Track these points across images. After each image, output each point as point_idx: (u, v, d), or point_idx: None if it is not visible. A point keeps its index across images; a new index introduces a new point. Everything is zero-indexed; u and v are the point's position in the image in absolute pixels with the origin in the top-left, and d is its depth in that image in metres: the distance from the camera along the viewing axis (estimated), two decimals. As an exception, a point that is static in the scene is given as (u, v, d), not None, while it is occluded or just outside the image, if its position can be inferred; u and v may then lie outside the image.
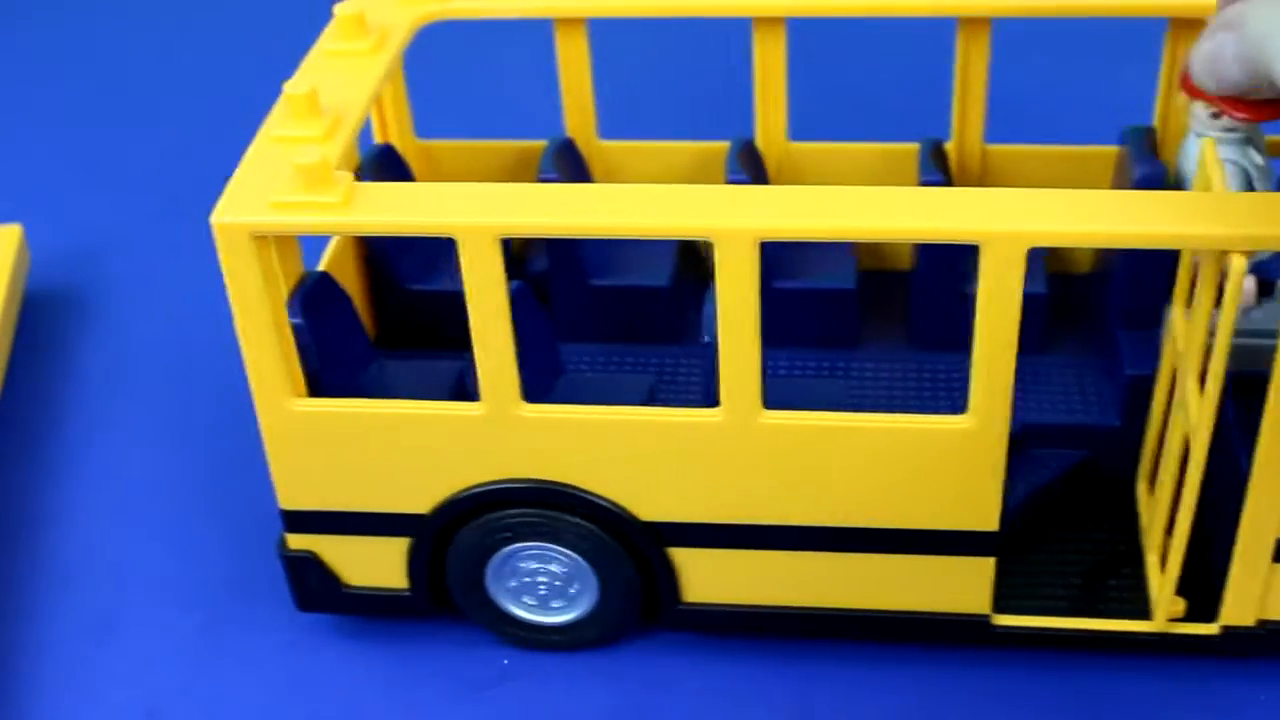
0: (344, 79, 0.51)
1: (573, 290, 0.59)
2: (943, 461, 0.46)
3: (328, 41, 0.53)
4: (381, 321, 0.60)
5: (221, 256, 0.45)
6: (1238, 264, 0.41)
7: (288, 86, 0.48)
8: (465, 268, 0.44)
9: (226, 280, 0.46)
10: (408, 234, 0.45)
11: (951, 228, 0.42)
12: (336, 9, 0.53)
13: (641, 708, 0.51)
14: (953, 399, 0.57)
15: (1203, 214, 0.41)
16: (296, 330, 0.48)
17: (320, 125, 0.48)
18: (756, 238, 0.42)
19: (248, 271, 0.45)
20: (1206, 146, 0.47)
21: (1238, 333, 0.49)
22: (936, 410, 0.46)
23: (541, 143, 0.60)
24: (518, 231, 0.44)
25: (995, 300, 0.43)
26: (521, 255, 0.63)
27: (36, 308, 0.73)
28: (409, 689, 0.53)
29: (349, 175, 0.45)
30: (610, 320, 0.60)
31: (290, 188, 0.45)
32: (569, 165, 0.59)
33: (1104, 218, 0.42)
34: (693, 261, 0.60)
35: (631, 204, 0.44)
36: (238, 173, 0.46)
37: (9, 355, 0.69)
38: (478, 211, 0.44)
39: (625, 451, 0.48)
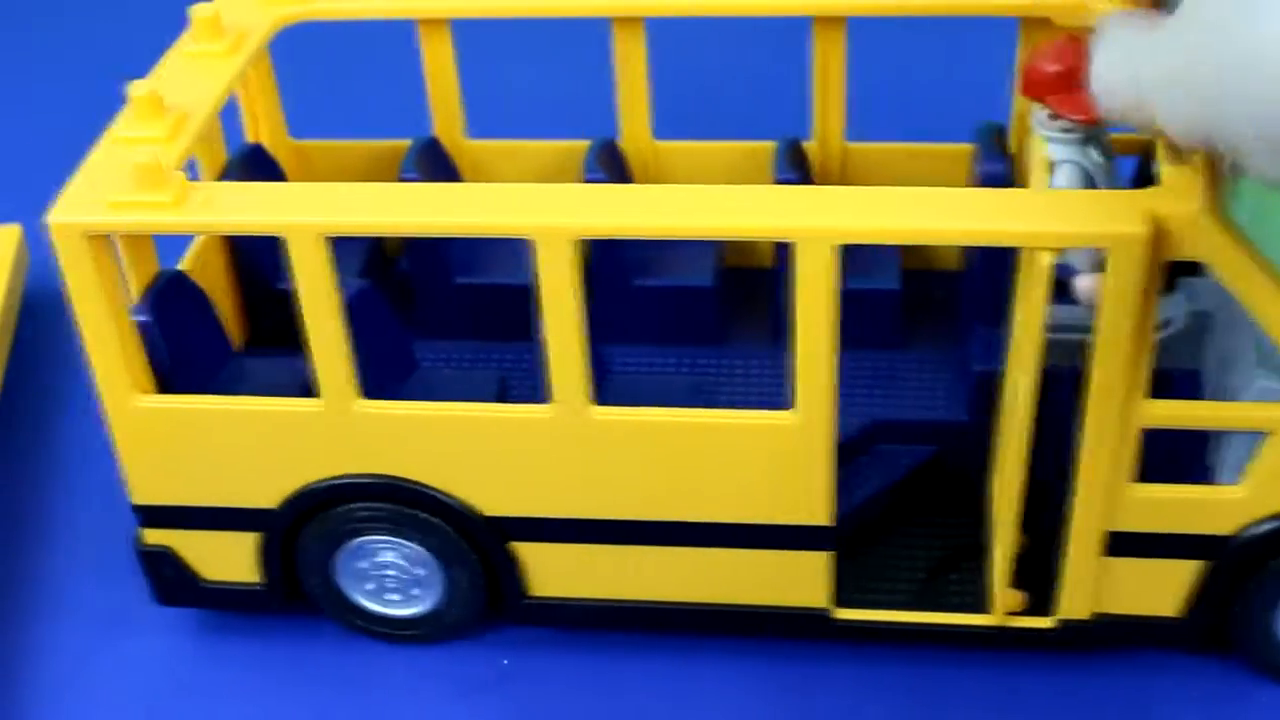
0: (196, 80, 0.52)
1: (437, 289, 0.60)
2: (771, 457, 0.47)
3: (184, 43, 0.53)
4: (253, 322, 0.61)
5: (59, 256, 0.46)
6: (1041, 260, 0.42)
7: (132, 88, 0.49)
8: (294, 266, 0.45)
9: (66, 279, 0.46)
10: (237, 233, 0.45)
11: (762, 225, 0.43)
12: (191, 11, 0.53)
13: (640, 709, 0.52)
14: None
15: (1001, 211, 0.42)
16: (144, 328, 0.49)
17: (163, 126, 0.48)
18: (574, 236, 0.43)
19: (85, 270, 0.46)
20: (1034, 146, 0.48)
21: (1076, 329, 0.49)
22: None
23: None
24: (343, 230, 0.45)
25: (810, 296, 0.43)
26: (394, 255, 0.63)
27: (36, 308, 0.73)
28: (408, 688, 0.53)
29: (183, 175, 0.46)
30: (474, 318, 0.60)
31: (125, 188, 0.45)
32: (432, 165, 0.60)
33: (907, 215, 0.42)
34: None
35: (455, 203, 0.45)
36: (78, 173, 0.47)
37: (9, 355, 0.70)
38: (304, 211, 0.44)
39: (464, 447, 0.49)
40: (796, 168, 0.58)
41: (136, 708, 0.53)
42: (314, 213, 0.44)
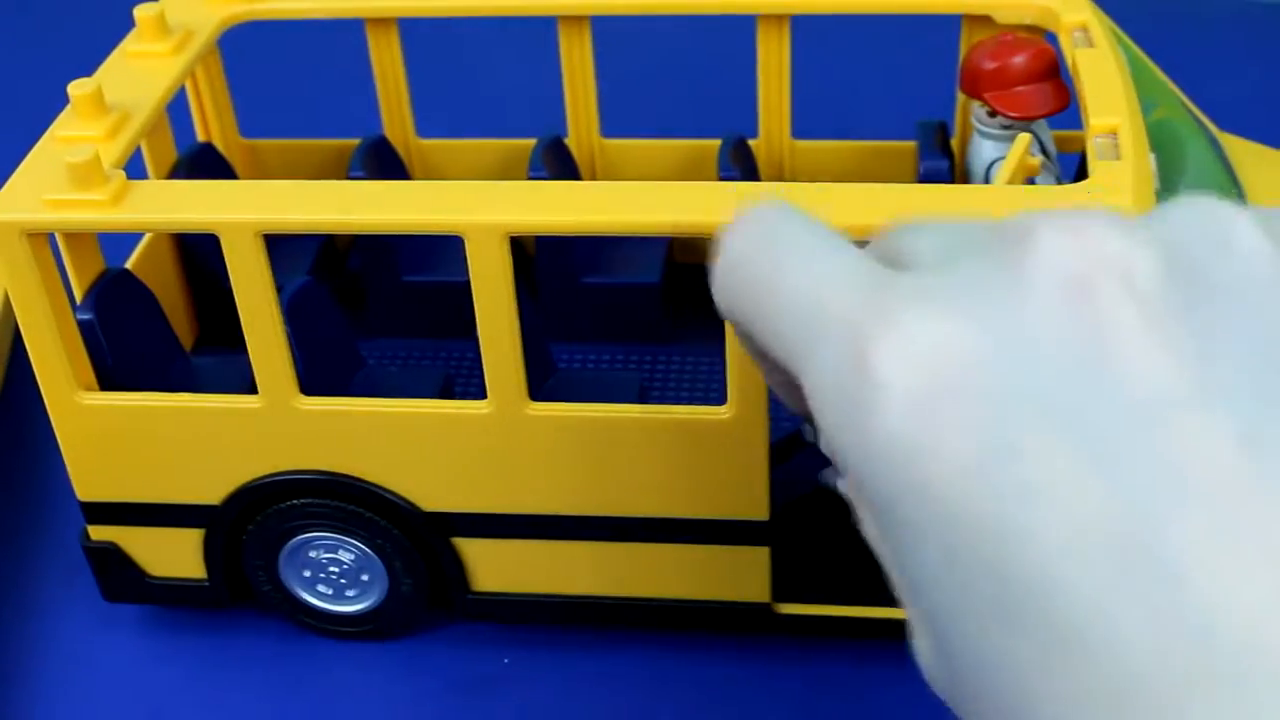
0: (139, 79, 0.52)
1: (386, 286, 0.60)
2: (708, 452, 0.47)
3: (129, 43, 0.54)
4: (204, 321, 0.61)
5: (-1, 254, 0.46)
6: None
7: (72, 87, 0.49)
8: (230, 264, 0.45)
9: (6, 277, 0.46)
10: (173, 230, 0.46)
11: (690, 221, 0.43)
12: (136, 11, 0.53)
13: (640, 708, 0.52)
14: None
15: (929, 207, 0.42)
16: (86, 327, 0.49)
17: (103, 125, 0.49)
18: (505, 232, 0.43)
19: (24, 268, 0.46)
20: (975, 143, 0.48)
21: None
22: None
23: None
24: (277, 227, 0.45)
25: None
26: (344, 253, 0.63)
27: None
28: (408, 688, 0.53)
29: (121, 173, 0.46)
30: (423, 315, 0.61)
31: (62, 186, 0.46)
32: (380, 163, 0.60)
33: (855, 210, 0.42)
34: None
35: (389, 200, 0.45)
36: (17, 172, 0.47)
37: (9, 355, 0.70)
38: (239, 208, 0.45)
39: (403, 443, 0.49)
40: (741, 165, 0.58)
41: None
42: (249, 210, 0.45)
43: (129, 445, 0.50)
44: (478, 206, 0.44)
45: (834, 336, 0.27)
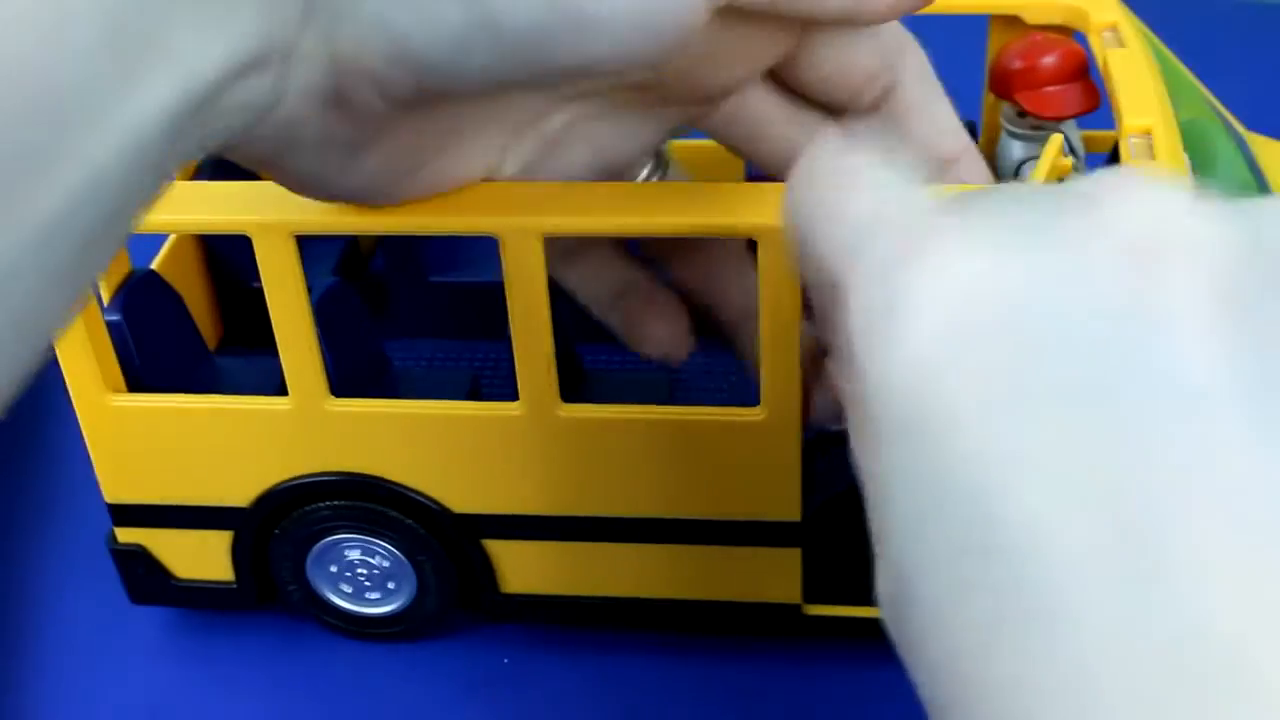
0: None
1: (413, 288, 0.60)
2: (739, 453, 0.47)
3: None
4: (230, 321, 0.61)
5: (28, 255, 0.46)
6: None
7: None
8: (261, 265, 0.45)
9: (35, 278, 0.46)
10: (203, 232, 0.45)
11: (722, 223, 0.43)
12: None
13: (640, 708, 0.52)
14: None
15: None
16: (114, 328, 0.49)
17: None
18: (541, 233, 0.43)
19: (54, 269, 0.46)
20: (1004, 144, 0.48)
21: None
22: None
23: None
24: (310, 228, 0.45)
25: (773, 291, 0.44)
26: (369, 253, 0.63)
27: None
28: (408, 688, 0.53)
29: (151, 174, 0.46)
30: (448, 316, 0.60)
31: (93, 187, 0.45)
32: None
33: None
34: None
35: (420, 202, 0.45)
36: (47, 172, 0.47)
37: None
38: (270, 209, 0.45)
39: (434, 445, 0.49)
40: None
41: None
42: (281, 211, 0.44)
43: (157, 447, 0.50)
44: (513, 208, 0.43)
45: (883, 241, 0.27)
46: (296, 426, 0.49)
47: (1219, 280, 0.24)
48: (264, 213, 0.44)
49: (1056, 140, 0.45)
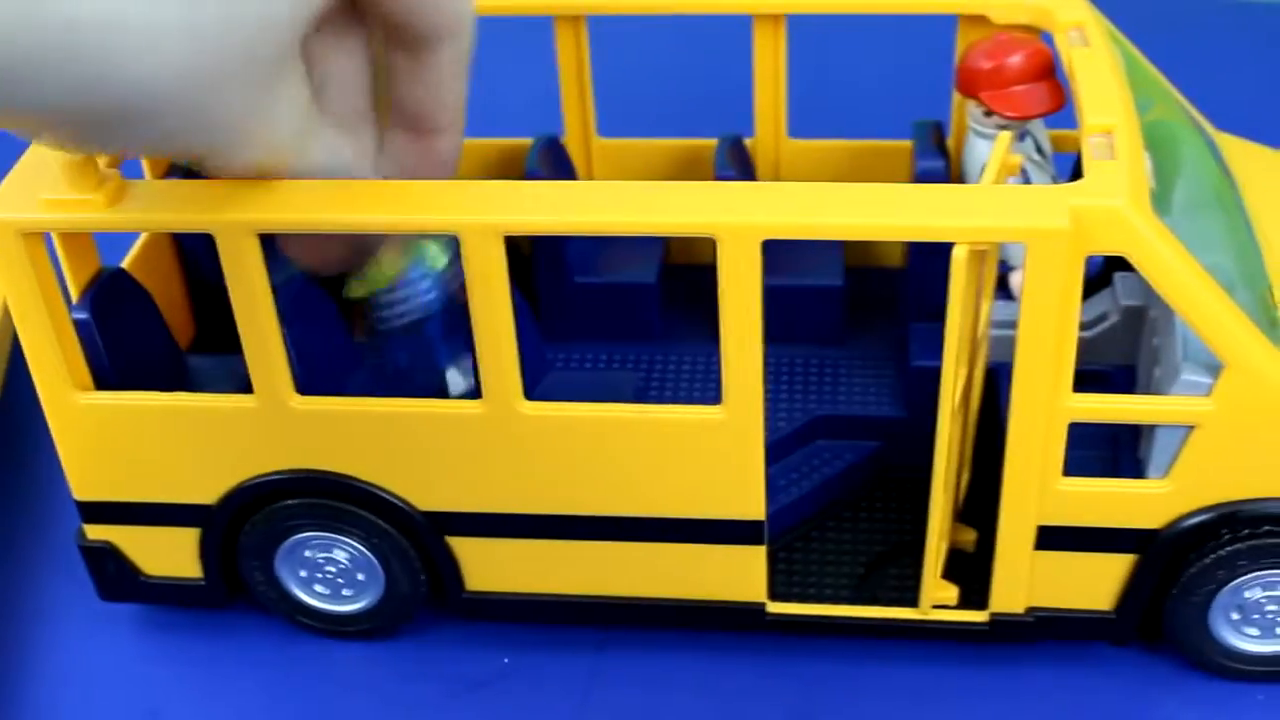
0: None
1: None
2: (701, 452, 0.47)
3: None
4: (202, 320, 0.61)
5: (-5, 254, 0.46)
6: (958, 254, 0.42)
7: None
8: (225, 264, 0.45)
9: (2, 277, 0.47)
10: (169, 230, 0.45)
11: (685, 222, 0.43)
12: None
13: (640, 707, 0.52)
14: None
15: (921, 206, 0.42)
16: (82, 326, 0.49)
17: (99, 124, 0.48)
18: (500, 232, 0.43)
19: (20, 268, 0.46)
20: (971, 143, 0.48)
21: (1015, 325, 0.49)
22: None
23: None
24: (273, 227, 0.45)
25: (735, 292, 0.44)
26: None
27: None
28: (408, 688, 0.53)
29: (117, 173, 0.46)
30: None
31: (58, 186, 0.45)
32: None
33: (828, 211, 0.43)
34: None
35: (383, 200, 0.45)
36: (13, 171, 0.47)
37: (9, 355, 0.70)
38: (234, 208, 0.45)
39: (398, 443, 0.49)
40: (737, 164, 0.58)
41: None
42: (244, 210, 0.45)
43: (125, 445, 0.50)
44: (473, 206, 0.44)
45: None
46: (262, 424, 0.49)
47: None
48: (226, 211, 0.45)
49: (1004, 138, 0.45)
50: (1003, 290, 0.54)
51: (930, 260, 0.55)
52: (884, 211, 0.43)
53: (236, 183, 0.46)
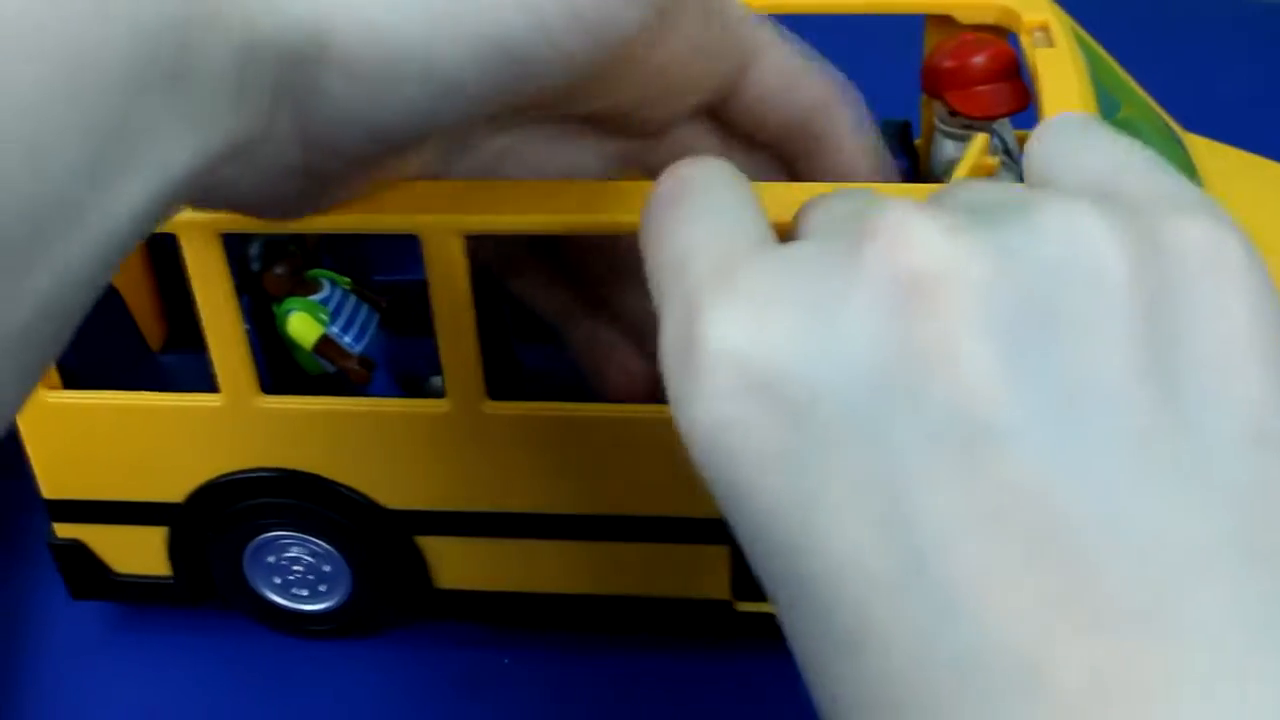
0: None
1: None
2: (669, 449, 0.47)
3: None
4: (175, 321, 0.61)
5: (-41, 252, 0.46)
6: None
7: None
8: (188, 263, 0.46)
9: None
10: (131, 230, 0.45)
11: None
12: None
13: (640, 707, 0.52)
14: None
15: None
16: (49, 324, 0.50)
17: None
18: (461, 231, 0.44)
19: (-15, 266, 0.46)
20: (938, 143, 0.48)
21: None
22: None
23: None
24: (237, 227, 0.45)
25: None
26: None
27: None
28: (408, 687, 0.53)
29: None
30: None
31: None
32: None
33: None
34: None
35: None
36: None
37: None
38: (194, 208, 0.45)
39: (364, 441, 0.49)
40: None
41: (136, 708, 0.53)
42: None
43: (92, 443, 0.50)
44: (433, 206, 0.44)
45: (691, 277, 0.28)
46: (227, 423, 0.49)
47: (983, 309, 0.25)
48: (189, 211, 0.45)
49: (980, 140, 0.46)
50: None
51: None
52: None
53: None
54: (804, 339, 0.26)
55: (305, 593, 0.53)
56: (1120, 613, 0.22)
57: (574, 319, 0.48)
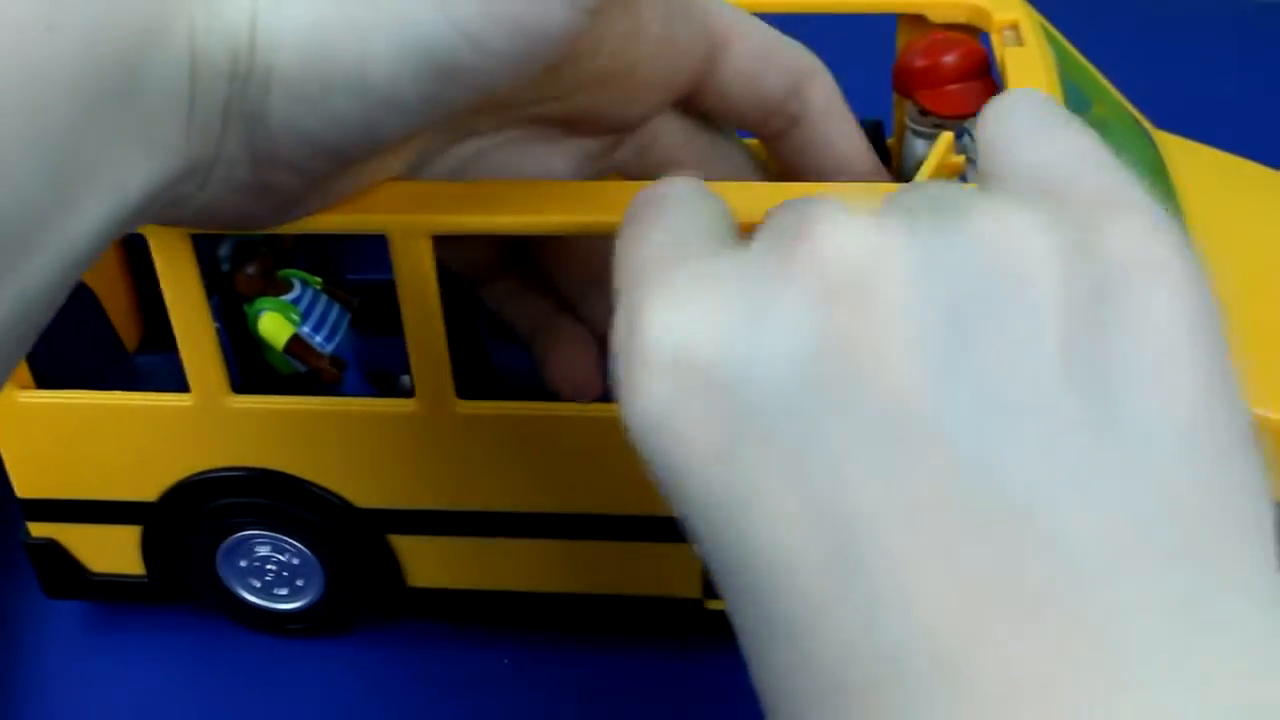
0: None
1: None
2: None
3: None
4: (151, 321, 0.61)
5: (-70, 253, 0.46)
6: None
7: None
8: (158, 264, 0.46)
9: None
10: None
11: (612, 221, 0.43)
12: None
13: (639, 707, 0.53)
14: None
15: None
16: (21, 324, 0.50)
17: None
18: (429, 231, 0.44)
19: (-43, 267, 0.46)
20: (909, 142, 0.48)
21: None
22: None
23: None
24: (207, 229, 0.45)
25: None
26: None
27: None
28: (407, 687, 0.54)
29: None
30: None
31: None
32: None
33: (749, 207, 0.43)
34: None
35: (314, 200, 0.45)
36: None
37: None
38: (165, 208, 0.45)
39: (335, 441, 0.49)
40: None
41: (136, 708, 0.54)
42: (175, 210, 0.45)
43: (65, 443, 0.51)
44: (400, 206, 0.44)
45: (627, 300, 0.28)
46: (199, 423, 0.49)
47: (908, 306, 0.25)
48: (158, 212, 0.45)
49: (945, 139, 0.46)
50: None
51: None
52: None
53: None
54: (738, 333, 0.26)
55: (279, 591, 0.53)
56: (1040, 606, 0.23)
57: (543, 328, 0.48)
